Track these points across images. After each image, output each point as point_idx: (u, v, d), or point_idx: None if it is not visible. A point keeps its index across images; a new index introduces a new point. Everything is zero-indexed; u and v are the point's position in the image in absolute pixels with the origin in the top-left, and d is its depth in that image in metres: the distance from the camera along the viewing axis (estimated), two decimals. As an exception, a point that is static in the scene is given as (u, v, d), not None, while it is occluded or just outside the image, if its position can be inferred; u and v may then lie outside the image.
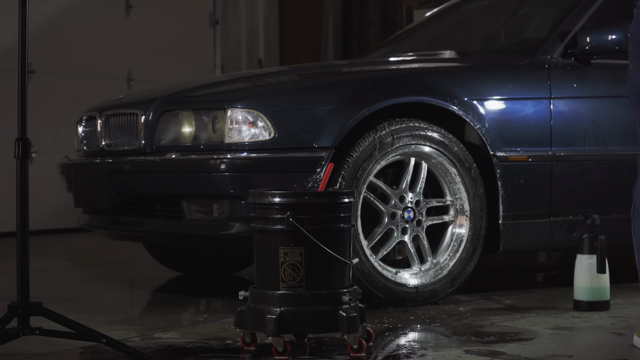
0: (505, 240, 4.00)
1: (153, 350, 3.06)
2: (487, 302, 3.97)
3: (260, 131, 3.67)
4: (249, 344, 3.05)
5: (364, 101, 3.76)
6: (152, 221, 4.02)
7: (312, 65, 5.20)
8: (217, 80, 4.56)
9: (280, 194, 2.96)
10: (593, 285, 3.62)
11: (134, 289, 4.89)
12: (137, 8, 8.38)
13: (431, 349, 3.05)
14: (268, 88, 4.01)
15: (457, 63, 4.47)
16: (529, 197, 4.02)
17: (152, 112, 3.94)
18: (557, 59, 4.16)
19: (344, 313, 2.91)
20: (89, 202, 4.28)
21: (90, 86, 7.78)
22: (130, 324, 3.55)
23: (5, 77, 6.77)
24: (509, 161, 3.99)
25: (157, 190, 3.91)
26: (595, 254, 3.61)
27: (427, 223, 3.89)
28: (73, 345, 3.05)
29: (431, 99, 3.88)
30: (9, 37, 6.58)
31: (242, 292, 3.03)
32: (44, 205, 7.11)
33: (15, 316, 2.75)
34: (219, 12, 9.35)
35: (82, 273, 5.36)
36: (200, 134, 3.80)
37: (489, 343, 3.12)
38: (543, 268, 5.41)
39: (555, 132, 4.08)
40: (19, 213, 2.76)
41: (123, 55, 8.20)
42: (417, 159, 3.87)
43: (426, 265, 3.88)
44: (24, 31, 2.78)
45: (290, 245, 2.92)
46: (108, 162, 4.10)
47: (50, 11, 7.65)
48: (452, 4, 5.34)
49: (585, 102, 4.12)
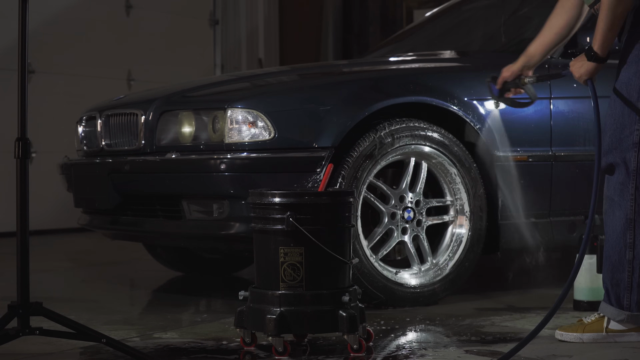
0: (505, 240, 4.00)
1: (153, 350, 3.06)
2: (487, 302, 3.97)
3: (260, 131, 3.67)
4: (249, 344, 3.05)
5: (364, 101, 3.76)
6: (152, 221, 4.02)
7: (312, 65, 5.20)
8: (217, 80, 4.56)
9: (280, 194, 2.96)
10: (593, 285, 3.62)
11: (134, 289, 4.89)
12: (137, 8, 8.38)
13: (431, 348, 3.05)
14: (268, 88, 4.01)
15: (457, 63, 4.47)
16: (529, 197, 4.02)
17: (152, 112, 3.94)
18: (557, 59, 4.15)
19: (344, 313, 2.91)
20: (89, 202, 4.28)
21: (90, 86, 7.78)
22: (130, 324, 3.55)
23: (5, 77, 6.77)
24: (509, 161, 3.99)
25: (157, 190, 3.91)
26: (595, 254, 3.61)
27: (427, 223, 3.89)
28: (73, 345, 3.05)
29: (431, 99, 3.88)
30: (9, 37, 6.57)
31: (242, 292, 3.03)
32: (44, 205, 7.11)
33: (15, 316, 2.75)
34: (219, 12, 9.35)
35: (82, 273, 5.36)
36: (200, 134, 3.80)
37: (489, 343, 3.12)
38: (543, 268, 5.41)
39: (555, 132, 4.08)
40: (19, 213, 2.75)
41: (123, 55, 8.20)
42: (417, 159, 3.87)
43: (426, 266, 3.88)
44: (24, 31, 2.78)
45: (290, 245, 2.92)
46: (108, 162, 4.10)
47: (50, 11, 7.65)
48: (452, 4, 5.34)
49: (585, 102, 4.12)
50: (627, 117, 3.03)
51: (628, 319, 3.07)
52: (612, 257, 3.09)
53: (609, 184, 3.10)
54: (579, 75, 3.10)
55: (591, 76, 3.09)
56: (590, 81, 3.10)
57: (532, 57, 3.49)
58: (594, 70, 3.08)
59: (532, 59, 3.49)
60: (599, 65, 3.07)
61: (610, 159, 3.07)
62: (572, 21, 3.34)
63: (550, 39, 3.43)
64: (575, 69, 3.12)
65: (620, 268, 3.06)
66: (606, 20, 2.99)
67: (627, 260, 3.05)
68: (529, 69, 3.52)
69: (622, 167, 3.04)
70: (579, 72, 3.10)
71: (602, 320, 3.11)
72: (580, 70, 3.10)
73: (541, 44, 3.45)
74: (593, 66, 3.07)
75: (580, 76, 3.11)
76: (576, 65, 3.12)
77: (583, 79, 3.11)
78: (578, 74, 3.11)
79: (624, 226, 3.05)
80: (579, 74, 3.11)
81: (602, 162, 3.10)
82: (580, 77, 3.11)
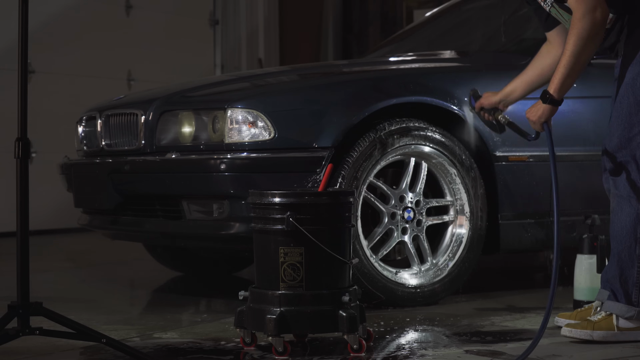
0: (505, 240, 4.00)
1: (153, 350, 3.06)
2: (487, 302, 3.97)
3: (260, 131, 3.67)
4: (249, 344, 3.05)
5: (364, 101, 3.76)
6: (152, 221, 4.02)
7: (312, 65, 5.20)
8: (217, 80, 4.56)
9: (280, 194, 2.96)
10: (593, 285, 3.62)
11: (134, 289, 4.89)
12: (137, 8, 8.38)
13: (431, 348, 3.05)
14: (268, 88, 4.01)
15: (457, 63, 4.47)
16: (529, 197, 4.02)
17: (152, 112, 3.94)
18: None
19: (344, 313, 2.91)
20: (89, 202, 4.28)
21: (90, 86, 7.78)
22: (130, 324, 3.55)
23: (5, 77, 6.77)
24: (509, 161, 3.99)
25: (157, 190, 3.91)
26: (595, 254, 3.61)
27: (427, 223, 3.89)
28: (73, 345, 3.05)
29: (431, 99, 3.88)
30: (9, 37, 6.57)
31: (242, 292, 3.04)
32: (44, 205, 7.11)
33: (15, 316, 2.75)
34: (219, 12, 9.35)
35: (82, 273, 5.36)
36: (200, 134, 3.80)
37: (489, 343, 3.12)
38: (543, 268, 5.41)
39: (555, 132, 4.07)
40: (19, 213, 2.75)
41: (123, 55, 8.20)
42: (417, 159, 3.87)
43: (426, 266, 3.88)
44: (24, 31, 2.78)
45: (290, 245, 2.92)
46: (108, 162, 4.10)
47: (50, 11, 7.65)
48: (452, 4, 5.34)
49: (585, 102, 4.12)
50: (634, 116, 3.05)
51: (638, 315, 3.08)
52: (621, 254, 3.09)
53: (618, 182, 3.10)
54: (537, 119, 3.10)
55: (547, 119, 3.10)
56: (546, 124, 3.11)
57: (512, 93, 3.47)
58: (550, 113, 3.10)
59: (512, 95, 3.47)
60: (554, 108, 3.09)
61: (620, 158, 3.08)
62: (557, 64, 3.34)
63: (533, 79, 3.43)
64: (531, 114, 3.12)
65: (630, 264, 3.07)
66: (567, 66, 3.01)
67: (637, 256, 3.06)
68: (506, 105, 3.51)
69: (633, 165, 3.06)
70: (536, 116, 3.10)
71: (610, 318, 3.11)
72: (537, 114, 3.10)
73: (523, 82, 3.45)
74: (549, 109, 3.09)
75: (537, 120, 3.10)
76: (532, 111, 3.12)
77: (540, 122, 3.11)
78: (535, 118, 3.11)
79: (634, 221, 3.06)
80: (536, 117, 3.10)
81: (610, 162, 3.11)
82: (538, 121, 3.11)
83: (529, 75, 3.44)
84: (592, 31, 2.96)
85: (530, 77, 3.44)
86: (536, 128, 3.15)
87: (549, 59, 3.37)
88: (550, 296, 2.91)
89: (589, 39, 2.97)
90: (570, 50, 2.99)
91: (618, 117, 3.09)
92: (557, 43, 3.36)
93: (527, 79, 3.45)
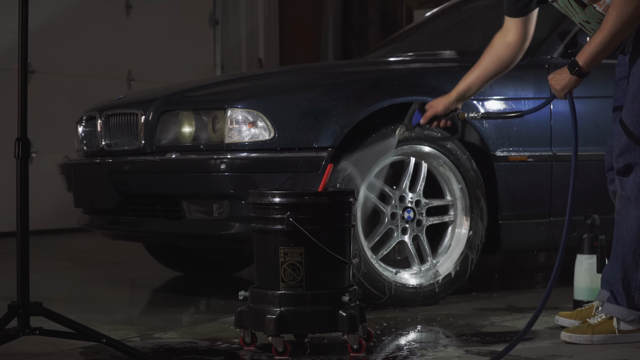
0: (505, 240, 4.00)
1: (153, 350, 3.06)
2: (487, 302, 3.97)
3: (260, 131, 3.67)
4: (249, 344, 3.05)
5: (364, 101, 3.76)
6: (152, 221, 4.02)
7: (312, 65, 5.20)
8: (217, 80, 4.56)
9: (280, 194, 2.96)
10: (593, 286, 3.62)
11: (134, 289, 4.88)
12: (137, 8, 8.38)
13: (431, 348, 3.05)
14: (268, 88, 4.01)
15: (457, 63, 4.47)
16: (529, 197, 4.02)
17: (152, 112, 3.94)
18: (557, 59, 4.15)
19: (344, 313, 2.91)
20: (89, 202, 4.28)
21: (90, 86, 7.78)
22: (130, 324, 3.55)
23: (5, 77, 6.77)
24: (509, 161, 3.99)
25: (157, 190, 3.91)
26: (595, 254, 3.61)
27: (427, 223, 3.89)
28: (73, 345, 3.05)
29: (431, 99, 3.87)
30: (9, 37, 6.57)
31: (242, 292, 3.04)
32: (44, 205, 7.11)
33: (15, 316, 2.75)
34: (219, 12, 9.35)
35: (82, 273, 5.36)
36: (200, 134, 3.80)
37: (489, 343, 3.12)
38: (543, 268, 5.41)
39: (555, 132, 4.08)
40: (19, 213, 2.75)
41: (123, 55, 8.20)
42: (417, 159, 3.87)
43: (426, 266, 3.88)
44: (24, 31, 2.78)
45: (290, 245, 2.92)
46: (108, 162, 4.10)
47: (51, 11, 7.65)
48: (452, 4, 5.34)
49: (585, 102, 4.12)
50: None
51: (639, 318, 3.06)
52: (625, 257, 3.06)
53: (625, 183, 3.06)
54: (560, 87, 3.04)
55: (571, 90, 3.05)
56: (569, 94, 3.05)
57: (468, 91, 3.37)
58: (576, 83, 3.03)
59: (468, 93, 3.38)
60: (579, 80, 3.03)
61: (629, 159, 3.03)
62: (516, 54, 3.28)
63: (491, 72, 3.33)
64: (555, 81, 3.06)
65: (634, 268, 3.05)
66: (602, 44, 2.96)
67: None
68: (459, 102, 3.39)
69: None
70: (560, 85, 3.04)
71: (610, 321, 3.09)
72: (561, 82, 3.04)
73: (479, 78, 3.34)
74: (575, 80, 3.03)
75: (562, 89, 3.05)
76: (557, 78, 3.06)
77: (563, 93, 3.05)
78: (559, 87, 3.05)
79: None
80: (560, 86, 3.04)
81: (618, 163, 3.06)
82: (562, 90, 3.05)
83: (486, 69, 3.34)
84: (634, 15, 2.92)
85: (487, 72, 3.34)
86: (559, 96, 3.07)
87: (508, 49, 3.30)
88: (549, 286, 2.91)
89: (629, 23, 2.93)
90: (609, 30, 2.93)
91: (628, 117, 3.03)
92: (514, 30, 3.29)
93: (483, 74, 3.35)
